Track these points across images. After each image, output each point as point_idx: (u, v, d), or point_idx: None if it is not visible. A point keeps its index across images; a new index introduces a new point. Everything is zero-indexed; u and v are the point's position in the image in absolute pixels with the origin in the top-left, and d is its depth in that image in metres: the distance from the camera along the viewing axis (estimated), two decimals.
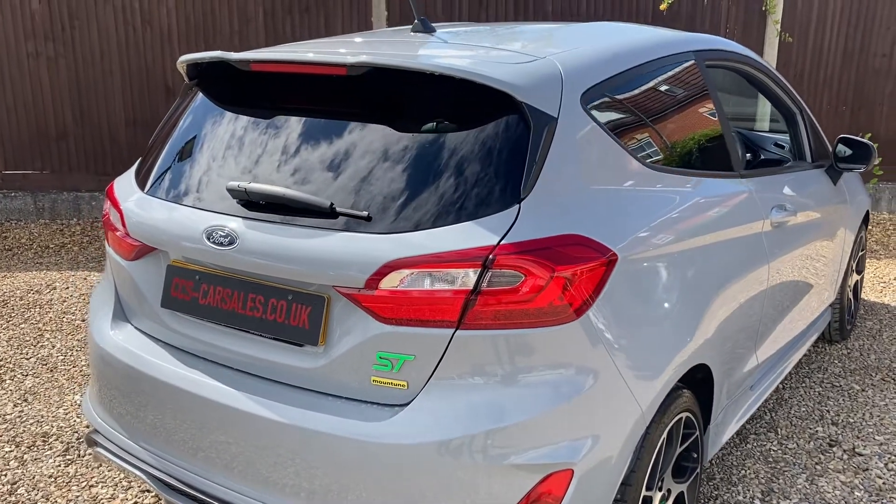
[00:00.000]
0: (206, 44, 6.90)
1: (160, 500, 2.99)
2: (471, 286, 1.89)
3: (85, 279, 5.59)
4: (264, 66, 2.31)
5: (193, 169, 2.38)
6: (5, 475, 3.17)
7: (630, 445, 2.09)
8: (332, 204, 2.03)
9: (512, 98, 2.02)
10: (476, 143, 2.02)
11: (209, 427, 2.19)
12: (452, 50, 2.46)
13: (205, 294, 2.25)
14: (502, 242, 1.89)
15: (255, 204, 2.14)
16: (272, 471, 2.09)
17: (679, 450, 2.40)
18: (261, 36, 6.89)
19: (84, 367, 4.16)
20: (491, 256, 1.88)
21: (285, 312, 2.11)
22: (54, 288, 5.41)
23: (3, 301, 5.14)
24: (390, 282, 1.94)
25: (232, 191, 2.15)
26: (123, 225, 2.43)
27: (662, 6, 6.65)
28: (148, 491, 3.05)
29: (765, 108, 6.06)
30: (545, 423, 1.94)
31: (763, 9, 6.88)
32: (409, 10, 6.97)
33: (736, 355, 2.73)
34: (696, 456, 2.52)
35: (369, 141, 2.12)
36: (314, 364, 2.08)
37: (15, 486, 3.09)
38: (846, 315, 4.38)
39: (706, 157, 2.69)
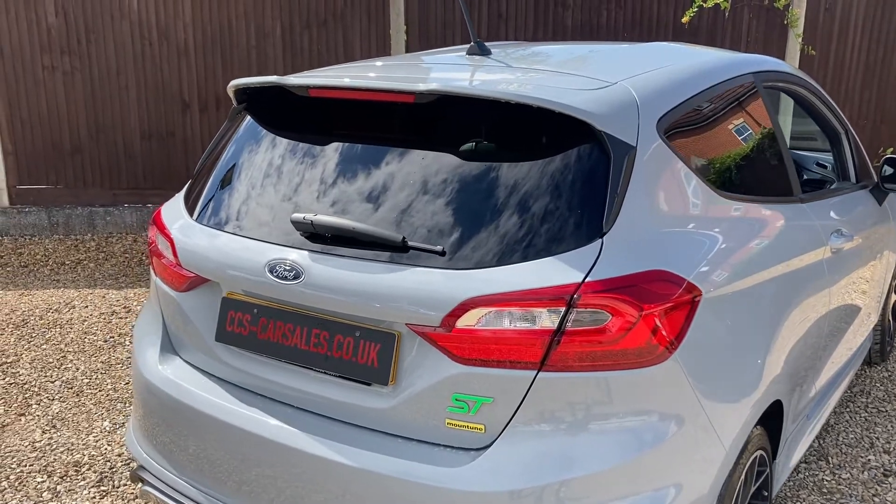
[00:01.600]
0: (223, 58, 6.83)
1: None
2: (554, 326, 1.81)
3: (103, 297, 5.49)
4: (324, 92, 2.23)
5: (248, 197, 2.30)
6: None
7: (714, 491, 2.00)
8: (404, 238, 1.95)
9: (590, 127, 1.94)
10: (553, 173, 1.94)
11: (267, 468, 2.10)
12: (517, 74, 2.38)
13: (264, 328, 2.17)
14: (587, 280, 1.81)
15: (321, 236, 2.06)
16: None
17: (752, 489, 2.32)
18: (278, 50, 6.82)
19: (111, 392, 4.07)
20: (576, 295, 1.80)
21: (352, 349, 2.03)
22: (73, 307, 5.31)
23: (23, 320, 5.05)
24: (467, 320, 1.86)
25: (297, 223, 2.06)
26: (175, 255, 2.34)
27: (684, 19, 6.60)
28: None
29: (788, 125, 6.00)
30: (632, 470, 1.85)
31: (784, 22, 6.83)
32: (425, 24, 6.90)
33: (800, 386, 2.65)
34: (766, 494, 2.43)
35: (438, 171, 2.04)
36: (383, 404, 1.99)
37: None
38: (886, 337, 4.30)
39: (771, 183, 2.61)
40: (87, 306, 5.32)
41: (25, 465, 3.37)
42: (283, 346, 2.13)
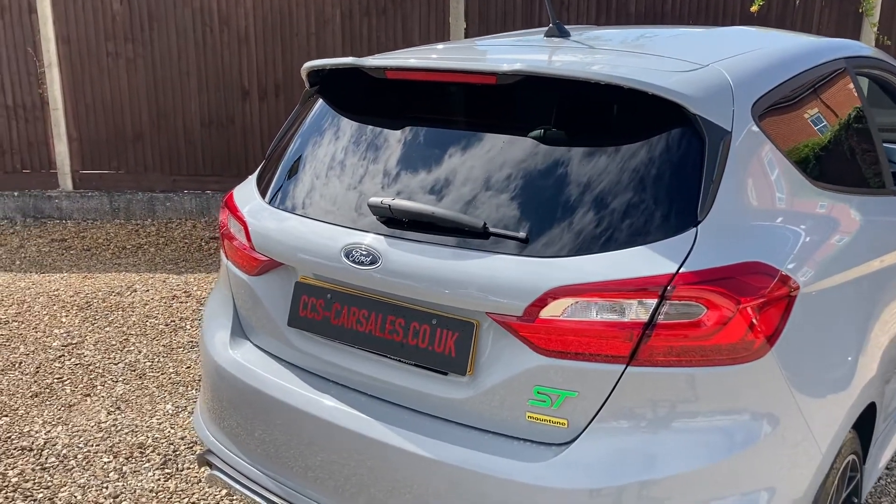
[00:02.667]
0: (283, 45, 6.84)
1: None
2: (645, 318, 1.73)
3: (164, 281, 5.55)
4: (401, 73, 2.17)
5: (322, 181, 2.25)
6: (106, 487, 3.09)
7: (809, 497, 1.90)
8: (484, 224, 1.88)
9: (683, 110, 1.85)
10: (643, 159, 1.85)
11: (337, 455, 2.06)
12: (600, 57, 2.29)
13: (338, 314, 2.12)
14: (681, 270, 1.72)
15: (398, 221, 2.01)
16: None
17: (843, 496, 2.20)
18: (337, 38, 6.81)
19: (173, 375, 4.09)
20: (669, 286, 1.71)
21: (428, 338, 1.97)
22: (135, 290, 5.38)
23: (86, 303, 5.12)
24: (552, 311, 1.78)
25: (374, 207, 2.01)
26: (248, 238, 2.31)
27: (753, 8, 6.39)
28: None
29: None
30: (721, 472, 1.76)
31: (860, 10, 6.57)
32: (485, 12, 6.81)
33: (891, 386, 2.52)
34: (855, 501, 2.31)
35: (520, 156, 1.96)
36: (460, 395, 1.93)
37: (118, 500, 3.01)
38: None
39: (865, 174, 2.48)
40: (148, 290, 5.38)
41: (92, 445, 3.40)
42: (357, 332, 2.09)
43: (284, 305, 2.25)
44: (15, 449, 3.36)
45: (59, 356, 4.31)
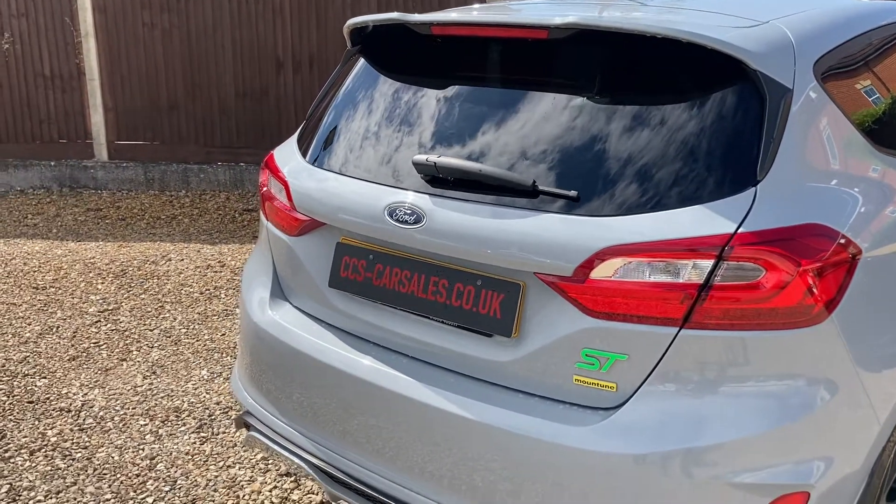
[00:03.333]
0: (318, 17, 6.79)
1: (299, 486, 2.88)
2: (701, 280, 1.67)
3: (198, 251, 5.57)
4: (447, 28, 2.12)
5: (364, 140, 2.21)
6: (143, 449, 3.11)
7: (867, 466, 1.83)
8: (534, 182, 1.83)
9: (744, 66, 1.77)
10: (699, 116, 1.79)
11: (378, 417, 2.03)
12: (655, 12, 2.21)
13: (379, 275, 2.09)
14: (740, 231, 1.66)
15: (443, 180, 1.96)
16: (446, 467, 1.92)
17: None
18: (373, 9, 6.74)
19: (208, 342, 4.10)
20: (727, 247, 1.65)
21: (473, 299, 1.93)
22: (169, 259, 5.40)
23: (122, 270, 5.15)
24: (603, 271, 1.73)
25: (418, 165, 1.97)
26: (289, 199, 2.28)
27: None
28: (287, 475, 2.94)
29: None
30: (775, 439, 1.70)
31: None
32: None
33: None
34: None
35: (571, 113, 1.90)
36: (505, 357, 1.89)
37: (154, 462, 3.02)
38: None
39: None
40: (182, 259, 5.40)
41: (129, 408, 3.42)
42: (399, 293, 2.05)
43: (325, 266, 2.22)
44: (54, 410, 3.39)
45: (96, 321, 4.34)
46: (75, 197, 6.95)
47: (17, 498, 2.79)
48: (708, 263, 1.66)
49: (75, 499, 2.79)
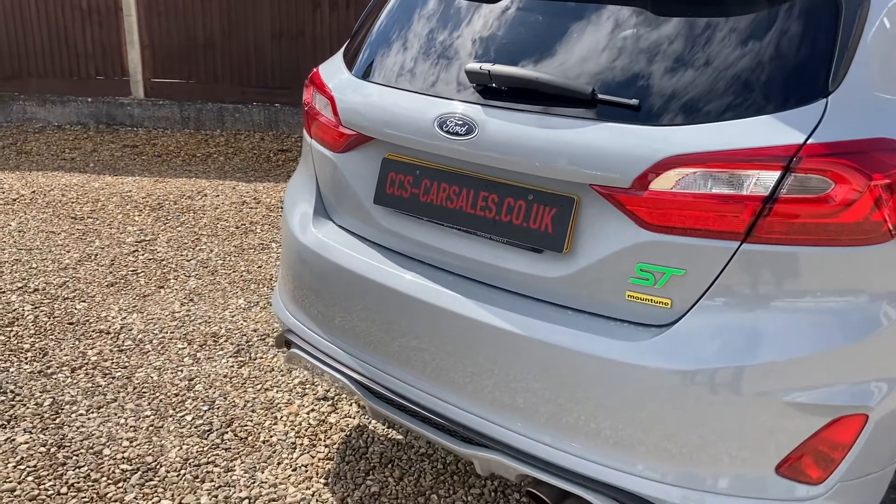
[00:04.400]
0: None
1: (336, 409, 2.89)
2: (766, 192, 1.60)
3: (233, 188, 5.57)
4: None
5: (414, 51, 2.15)
6: (181, 371, 3.13)
7: None
8: (593, 90, 1.77)
9: None
10: (768, 23, 1.70)
11: (422, 333, 2.01)
12: None
13: (427, 191, 2.05)
14: (809, 141, 1.59)
15: (496, 90, 1.90)
16: (491, 383, 1.89)
17: None
18: None
19: (244, 273, 4.11)
20: (796, 157, 1.58)
21: (524, 214, 1.88)
22: (205, 195, 5.41)
23: (158, 204, 5.17)
24: (663, 182, 1.67)
25: (472, 73, 1.91)
26: (335, 113, 2.24)
27: None
28: (324, 399, 2.95)
29: None
30: (838, 356, 1.65)
31: None
32: None
33: None
34: None
35: (632, 18, 1.83)
36: (555, 273, 1.85)
37: (192, 383, 3.05)
38: None
39: None
40: (218, 195, 5.40)
41: (167, 333, 3.44)
42: (446, 209, 2.01)
43: (370, 183, 2.18)
44: (93, 331, 3.43)
45: (133, 251, 4.37)
46: (112, 134, 6.96)
47: (59, 412, 2.83)
48: (774, 175, 1.60)
49: (115, 414, 2.83)
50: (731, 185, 1.63)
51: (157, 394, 2.96)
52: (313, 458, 2.62)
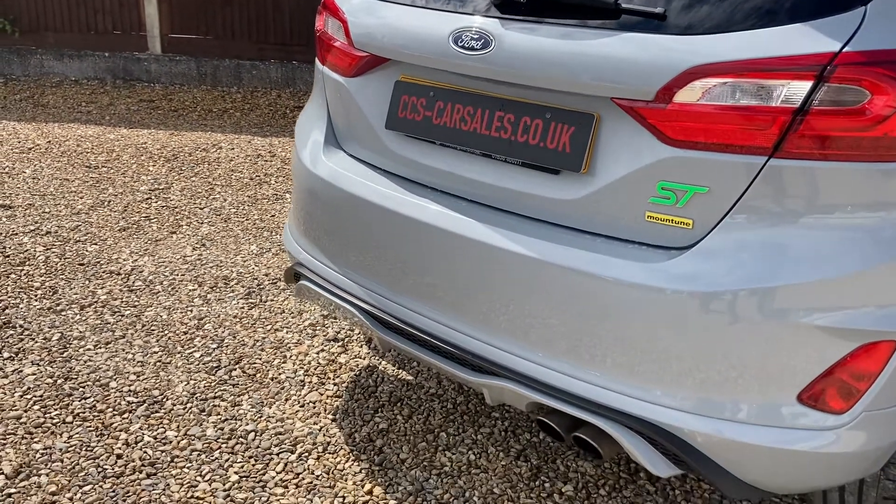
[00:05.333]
0: None
1: (346, 350, 2.84)
2: (798, 103, 1.52)
3: (249, 142, 5.51)
4: None
5: None
6: (191, 311, 3.10)
7: None
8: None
9: None
10: None
11: (433, 259, 1.95)
12: None
13: (440, 113, 1.97)
14: (845, 49, 1.49)
15: (513, 3, 1.82)
16: (503, 310, 1.83)
17: None
18: None
19: (257, 221, 4.07)
20: (830, 66, 1.49)
21: (541, 133, 1.81)
22: (220, 147, 5.36)
23: (173, 155, 5.13)
24: (689, 94, 1.59)
25: None
26: (347, 35, 2.16)
27: None
28: (335, 340, 2.90)
29: None
30: (866, 281, 1.57)
31: None
32: None
33: None
34: None
35: None
36: (572, 195, 1.78)
37: (202, 322, 3.01)
38: None
39: None
40: (233, 148, 5.35)
41: (178, 275, 3.41)
42: (460, 131, 1.94)
43: (382, 107, 2.11)
44: (104, 272, 3.40)
45: (147, 198, 4.33)
46: (128, 89, 6.92)
47: (67, 346, 2.81)
48: (805, 85, 1.51)
49: (123, 350, 2.80)
50: (760, 97, 1.54)
51: (166, 332, 2.93)
52: (321, 395, 2.58)
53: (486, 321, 1.88)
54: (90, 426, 2.38)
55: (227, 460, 2.25)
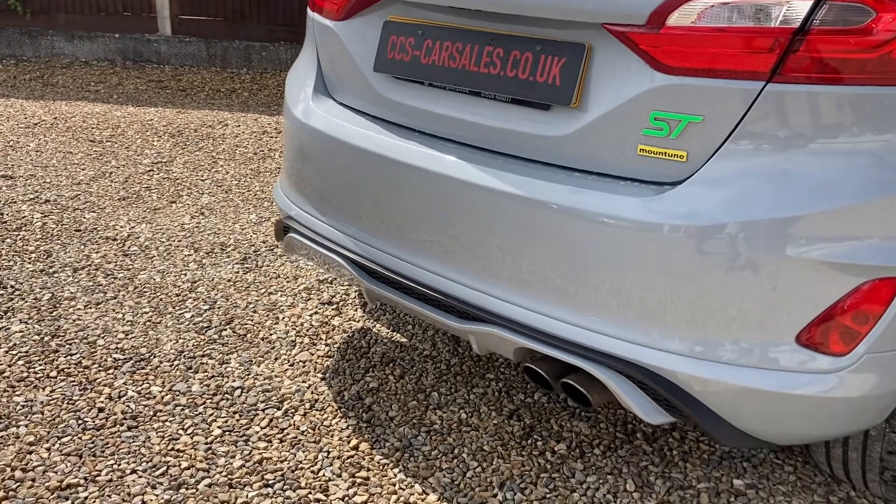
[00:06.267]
0: None
1: (340, 313, 2.78)
2: (798, 23, 1.43)
3: (255, 120, 5.47)
4: None
5: None
6: (185, 274, 3.04)
7: None
8: None
9: None
10: None
11: (421, 204, 1.88)
12: None
13: (428, 51, 1.90)
14: None
15: None
16: (491, 254, 1.76)
17: None
18: None
19: (258, 192, 4.01)
20: None
21: (531, 67, 1.73)
22: (226, 125, 5.32)
23: (178, 131, 5.09)
24: (682, 17, 1.51)
25: None
26: None
27: None
28: (329, 303, 2.84)
29: None
30: (871, 212, 1.48)
31: None
32: None
33: None
34: None
35: None
36: (562, 131, 1.70)
37: (195, 285, 2.96)
38: None
39: None
40: (239, 125, 5.31)
41: (174, 241, 3.36)
42: (449, 69, 1.87)
43: (371, 50, 2.05)
44: (100, 238, 3.36)
45: (149, 171, 4.29)
46: (138, 70, 6.90)
47: (57, 306, 2.76)
48: (806, 4, 1.43)
49: (114, 310, 2.75)
50: (757, 18, 1.46)
51: (158, 293, 2.88)
52: (312, 355, 2.51)
53: (473, 266, 1.81)
54: (74, 381, 2.33)
55: (210, 415, 2.20)
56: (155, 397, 2.26)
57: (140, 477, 1.94)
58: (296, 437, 2.11)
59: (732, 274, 1.51)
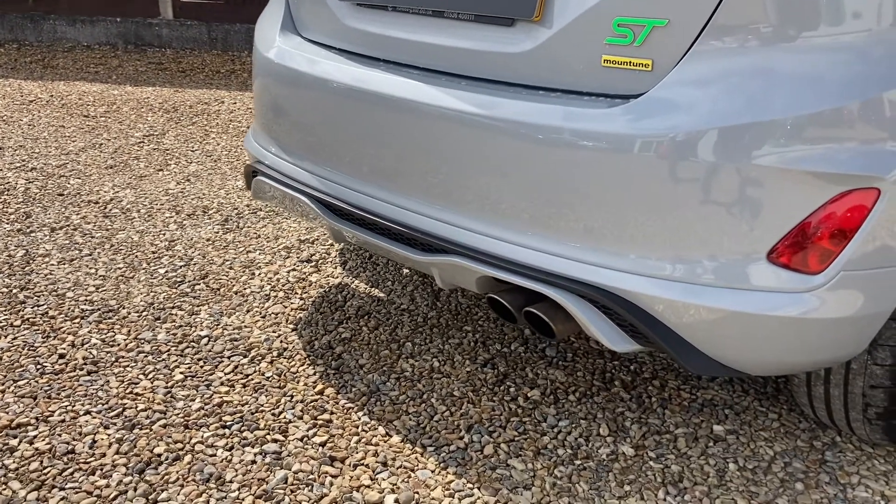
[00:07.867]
0: None
1: (319, 270, 2.71)
2: None
3: (252, 98, 5.41)
4: None
5: None
6: (164, 234, 2.99)
7: None
8: None
9: None
10: None
11: (382, 132, 1.81)
12: None
13: None
14: None
15: None
16: (453, 180, 1.68)
17: None
18: None
19: (247, 159, 3.95)
20: None
21: None
22: (222, 102, 5.27)
23: (174, 108, 5.05)
24: None
25: None
26: None
27: None
28: (308, 261, 2.77)
29: None
30: (846, 116, 1.38)
31: None
32: None
33: None
34: None
35: None
36: (525, 46, 1.62)
37: (173, 244, 2.90)
38: None
39: None
40: (235, 102, 5.26)
41: (156, 205, 3.30)
42: None
43: None
44: (82, 202, 3.31)
45: (139, 142, 4.25)
46: (139, 53, 6.88)
47: (30, 262, 2.71)
48: None
49: (87, 265, 2.69)
50: None
51: (135, 251, 2.82)
52: (286, 308, 2.44)
53: (434, 193, 1.73)
54: (37, 329, 2.27)
55: (174, 362, 2.13)
56: (119, 345, 2.20)
57: (94, 418, 1.88)
58: (259, 383, 2.04)
59: (697, 186, 1.42)
